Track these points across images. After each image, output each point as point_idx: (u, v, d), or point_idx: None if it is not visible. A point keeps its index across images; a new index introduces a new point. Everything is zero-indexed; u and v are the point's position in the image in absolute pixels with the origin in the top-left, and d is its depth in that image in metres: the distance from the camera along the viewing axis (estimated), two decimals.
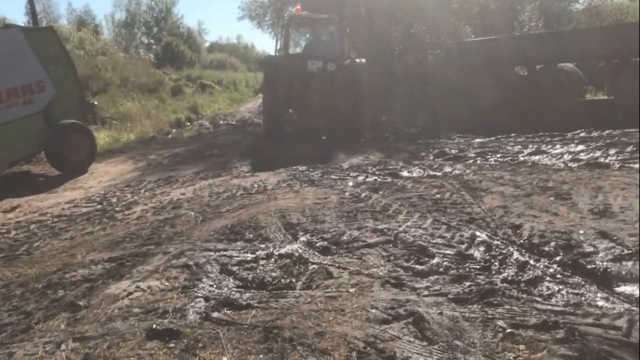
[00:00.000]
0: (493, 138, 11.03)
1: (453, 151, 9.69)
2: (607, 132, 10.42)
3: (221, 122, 21.15)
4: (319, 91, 12.33)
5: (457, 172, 7.69)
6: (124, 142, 14.33)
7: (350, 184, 7.30)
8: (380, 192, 6.55)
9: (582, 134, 10.53)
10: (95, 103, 13.89)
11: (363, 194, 6.52)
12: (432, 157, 9.22)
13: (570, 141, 9.92)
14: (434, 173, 7.70)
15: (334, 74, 12.40)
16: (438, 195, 6.21)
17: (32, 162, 11.04)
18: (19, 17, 73.84)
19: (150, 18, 57.10)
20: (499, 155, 9.11)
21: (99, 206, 7.08)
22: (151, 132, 16.42)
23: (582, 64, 16.25)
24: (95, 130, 17.52)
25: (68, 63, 10.36)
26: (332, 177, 7.87)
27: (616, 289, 3.73)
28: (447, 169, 7.92)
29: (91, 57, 35.07)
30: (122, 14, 57.73)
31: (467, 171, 7.61)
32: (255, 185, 7.61)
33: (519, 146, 9.89)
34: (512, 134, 11.29)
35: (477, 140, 11.02)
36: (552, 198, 5.74)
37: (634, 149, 8.62)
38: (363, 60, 13.46)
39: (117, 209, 6.84)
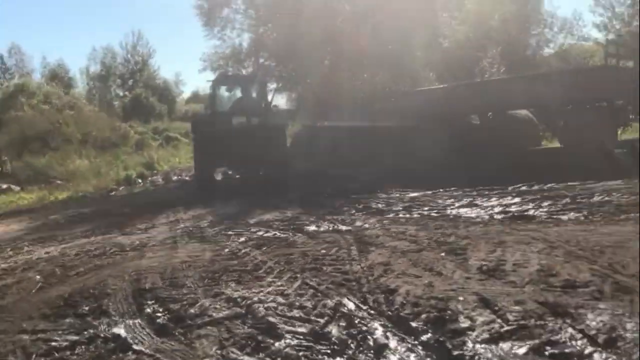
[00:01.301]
0: (430, 192, 10.47)
1: (379, 205, 9.08)
2: (549, 185, 9.94)
3: (174, 177, 20.67)
4: (244, 145, 13.03)
5: (367, 226, 7.06)
6: (49, 201, 13.70)
7: (242, 239, 6.65)
8: (264, 248, 5.90)
9: (523, 187, 10.04)
10: None
11: (243, 250, 5.86)
12: (353, 212, 8.62)
13: (508, 194, 9.38)
14: (341, 227, 7.02)
15: (256, 128, 13.45)
16: (323, 251, 5.53)
17: None
18: None
19: (126, 70, 57.31)
20: (426, 209, 8.53)
21: None
22: (87, 192, 15.83)
23: (541, 110, 16.02)
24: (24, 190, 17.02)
25: None
26: (229, 232, 7.19)
27: None
28: (358, 223, 7.27)
29: (57, 111, 34.83)
30: (97, 66, 57.95)
31: (377, 225, 6.96)
32: (137, 242, 6.95)
33: (452, 199, 9.31)
34: (454, 187, 10.77)
35: (413, 194, 10.43)
36: (443, 254, 5.07)
37: (569, 201, 8.14)
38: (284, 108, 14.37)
39: None
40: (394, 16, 24.07)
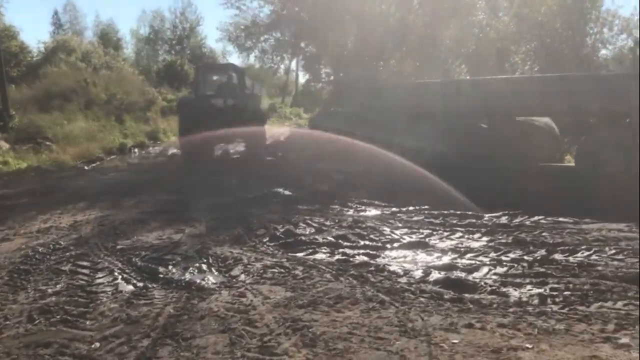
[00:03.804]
0: (390, 211, 8.31)
1: (308, 231, 6.95)
2: (536, 218, 7.63)
3: (172, 151, 18.94)
4: (220, 123, 13.95)
5: (241, 278, 4.93)
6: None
7: (40, 292, 4.62)
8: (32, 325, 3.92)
9: (504, 218, 7.76)
10: None
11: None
12: (266, 240, 6.48)
13: (479, 229, 7.15)
14: (208, 278, 4.97)
15: (232, 107, 14.69)
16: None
17: None
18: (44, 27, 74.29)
19: (174, 36, 55.95)
20: (360, 244, 6.40)
21: None
22: (58, 161, 14.17)
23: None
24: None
25: None
26: (49, 277, 5.03)
27: None
28: (236, 272, 5.18)
29: (94, 71, 33.68)
30: (146, 29, 56.85)
31: (248, 281, 4.88)
32: None
33: (407, 229, 7.14)
34: (426, 206, 8.59)
35: (370, 212, 8.31)
36: None
37: (543, 254, 5.88)
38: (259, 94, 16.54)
39: None
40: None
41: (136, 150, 19.28)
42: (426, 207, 8.57)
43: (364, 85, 19.69)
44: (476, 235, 6.88)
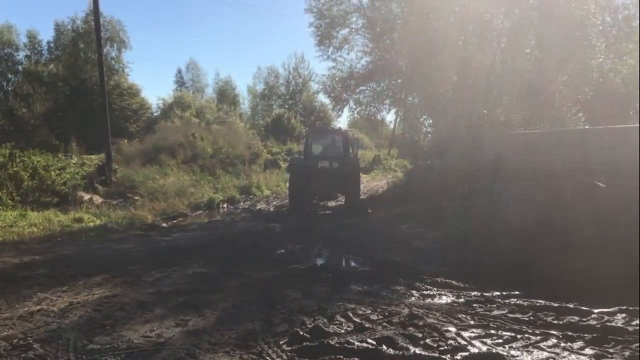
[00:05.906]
0: (466, 298, 6.35)
1: (345, 328, 5.18)
2: None
3: (260, 206, 18.02)
4: (325, 183, 16.17)
5: None
6: (57, 231, 11.42)
7: None
8: None
9: (619, 317, 5.56)
10: None
11: None
12: (283, 342, 4.85)
13: (580, 334, 5.07)
14: None
15: (337, 169, 16.05)
16: None
17: None
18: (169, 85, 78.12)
19: (287, 91, 56.87)
20: (410, 352, 4.57)
21: None
22: (136, 218, 13.53)
23: None
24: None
25: None
26: None
27: None
28: None
29: (207, 125, 34.34)
30: (261, 85, 58.27)
31: None
32: None
33: (480, 330, 5.22)
34: (515, 292, 6.58)
35: (438, 299, 6.41)
36: None
37: None
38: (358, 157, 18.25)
39: None
40: (536, 41, 19.31)
41: (225, 205, 18.51)
42: (516, 292, 6.56)
43: (463, 136, 17.81)
44: (576, 345, 4.86)
